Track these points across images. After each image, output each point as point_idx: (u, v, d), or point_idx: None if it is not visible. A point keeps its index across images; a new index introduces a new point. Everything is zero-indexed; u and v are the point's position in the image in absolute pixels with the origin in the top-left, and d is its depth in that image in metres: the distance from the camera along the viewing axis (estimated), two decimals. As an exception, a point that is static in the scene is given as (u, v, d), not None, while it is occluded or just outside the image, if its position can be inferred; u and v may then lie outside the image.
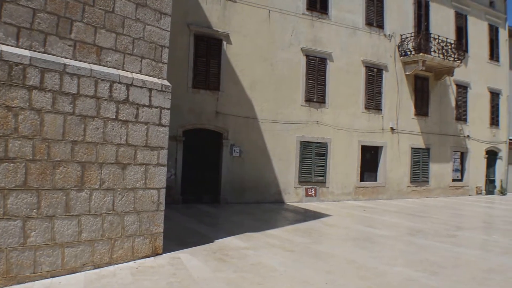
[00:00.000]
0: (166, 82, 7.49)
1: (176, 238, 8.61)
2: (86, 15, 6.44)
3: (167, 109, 7.42)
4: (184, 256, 7.39)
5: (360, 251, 8.63)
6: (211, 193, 14.72)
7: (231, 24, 15.00)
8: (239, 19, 15.17)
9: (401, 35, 19.41)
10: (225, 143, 14.76)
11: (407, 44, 19.26)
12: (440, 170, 21.11)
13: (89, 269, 6.25)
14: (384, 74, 18.82)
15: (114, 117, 6.62)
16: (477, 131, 23.00)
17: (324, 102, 16.95)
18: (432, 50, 19.38)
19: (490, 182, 24.19)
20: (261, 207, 14.30)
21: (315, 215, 13.23)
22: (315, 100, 16.73)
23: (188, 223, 10.80)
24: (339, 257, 7.96)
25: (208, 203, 14.41)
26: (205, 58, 14.54)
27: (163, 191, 7.32)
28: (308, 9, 16.72)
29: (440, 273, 7.17)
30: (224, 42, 14.84)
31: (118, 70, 6.78)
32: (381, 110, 18.68)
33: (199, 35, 14.45)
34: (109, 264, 6.52)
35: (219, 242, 8.62)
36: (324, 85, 16.96)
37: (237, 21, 15.12)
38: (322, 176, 16.86)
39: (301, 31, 16.50)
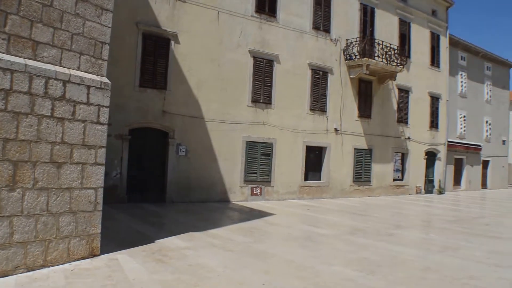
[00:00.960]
0: (105, 80, 7.27)
1: (116, 239, 8.39)
2: (22, 8, 6.18)
3: (106, 107, 7.20)
4: (122, 257, 7.21)
5: (300, 251, 8.68)
6: (157, 192, 14.53)
7: (180, 24, 14.86)
8: (188, 19, 15.05)
9: (347, 40, 19.85)
10: (172, 142, 14.59)
11: (352, 49, 19.71)
12: (382, 170, 21.77)
13: (22, 272, 5.99)
14: (330, 77, 19.20)
15: (49, 114, 6.38)
16: (417, 133, 23.89)
17: (270, 103, 17.08)
18: (376, 55, 19.94)
19: (429, 181, 25.18)
20: (206, 206, 14.24)
21: (259, 214, 13.29)
22: (261, 101, 16.83)
23: (131, 222, 10.59)
24: (279, 257, 7.95)
25: (154, 202, 14.18)
26: (153, 57, 14.34)
27: (100, 191, 7.09)
28: (257, 11, 16.79)
29: (378, 272, 7.24)
30: (172, 42, 14.68)
31: (54, 66, 6.55)
32: (325, 111, 19.05)
33: (148, 34, 14.24)
34: (43, 266, 6.27)
35: (160, 243, 8.45)
36: (271, 86, 17.10)
37: (186, 21, 14.99)
38: (268, 175, 16.99)
39: (249, 33, 16.56)
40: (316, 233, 10.68)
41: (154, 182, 14.51)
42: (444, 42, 25.95)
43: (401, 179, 23.39)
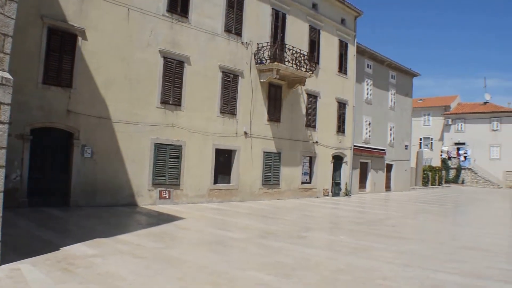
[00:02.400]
0: (7, 75, 6.95)
1: (18, 247, 8.12)
2: None
3: (8, 104, 6.90)
4: (25, 267, 6.95)
5: (213, 256, 8.78)
6: (61, 196, 14.40)
7: (88, 20, 14.83)
8: (97, 15, 15.07)
9: (258, 44, 20.83)
10: (76, 143, 14.57)
11: (263, 53, 20.75)
12: (291, 173, 23.05)
13: None
14: (240, 80, 20.09)
15: None
16: (325, 138, 25.57)
17: (180, 104, 17.55)
18: (286, 60, 21.12)
19: (336, 184, 26.96)
20: (113, 211, 14.24)
21: (168, 218, 13.46)
22: (171, 102, 17.26)
23: (34, 229, 10.36)
24: (192, 263, 8.02)
25: (57, 206, 13.96)
26: (59, 53, 14.17)
27: (0, 196, 6.73)
28: (168, 11, 17.19)
29: (292, 275, 7.45)
30: (80, 38, 14.62)
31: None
32: (235, 115, 19.89)
33: (53, 28, 14.05)
34: None
35: (66, 250, 8.24)
36: (181, 87, 17.56)
37: (94, 17, 15.00)
38: (176, 178, 17.46)
39: (160, 33, 16.93)
40: (227, 237, 10.96)
41: (57, 185, 14.37)
42: (352, 50, 27.96)
43: (309, 182, 24.87)
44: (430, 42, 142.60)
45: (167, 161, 17.11)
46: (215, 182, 19.13)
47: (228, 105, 19.50)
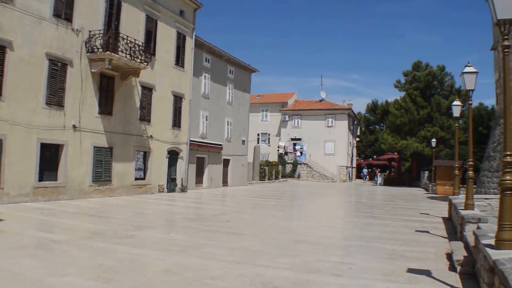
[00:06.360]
0: None
1: None
2: None
3: None
4: None
5: (29, 261, 8.43)
6: None
7: None
8: None
9: (90, 31, 20.98)
10: None
11: (95, 41, 20.98)
12: (123, 169, 23.66)
13: None
14: (69, 69, 20.05)
15: None
16: (160, 132, 26.61)
17: (0, 94, 17.07)
18: (120, 49, 21.62)
19: (172, 180, 28.18)
20: None
21: (-19, 222, 12.82)
22: (-11, 92, 16.77)
23: None
24: (3, 270, 7.61)
25: None
26: None
27: None
28: (-12, -10, 16.59)
29: (115, 279, 7.36)
30: None
31: None
32: (63, 106, 19.81)
33: None
34: None
35: None
36: (2, 75, 17.04)
37: None
38: (-6, 176, 17.00)
39: (-22, 14, 16.30)
40: (49, 240, 10.66)
41: None
42: (190, 43, 29.36)
43: (144, 178, 25.64)
44: (272, 41, 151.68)
45: (-16, 156, 16.59)
46: (41, 179, 18.84)
47: (56, 96, 19.32)
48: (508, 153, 6.46)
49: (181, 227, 14.32)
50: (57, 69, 19.41)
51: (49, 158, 19.45)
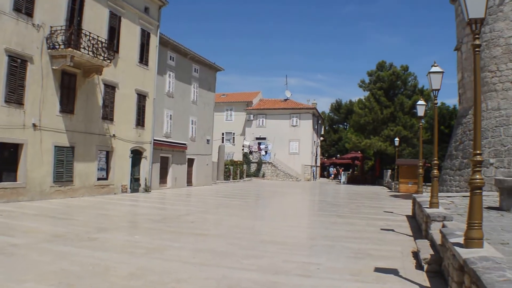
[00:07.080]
0: None
1: None
2: None
3: None
4: None
5: None
6: None
7: None
8: None
9: (52, 27, 20.52)
10: None
11: (57, 37, 20.56)
12: (85, 169, 23.26)
13: None
14: (29, 66, 19.58)
15: None
16: (123, 131, 26.28)
17: (-44, 92, 16.53)
18: (82, 46, 21.28)
19: (135, 180, 27.85)
20: None
21: None
22: None
23: None
24: None
25: None
26: None
27: None
28: None
29: (77, 285, 7.20)
30: None
31: None
32: (23, 104, 19.34)
33: None
34: None
35: None
36: (-42, 72, 16.54)
37: None
38: (-50, 175, 16.43)
39: None
40: (7, 243, 10.31)
41: None
42: (154, 41, 29.08)
43: (106, 178, 25.28)
44: (236, 43, 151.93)
45: None
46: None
47: (15, 94, 18.87)
48: (477, 152, 6.55)
49: (145, 229, 14.19)
50: (17, 66, 18.94)
51: (8, 158, 19.03)
